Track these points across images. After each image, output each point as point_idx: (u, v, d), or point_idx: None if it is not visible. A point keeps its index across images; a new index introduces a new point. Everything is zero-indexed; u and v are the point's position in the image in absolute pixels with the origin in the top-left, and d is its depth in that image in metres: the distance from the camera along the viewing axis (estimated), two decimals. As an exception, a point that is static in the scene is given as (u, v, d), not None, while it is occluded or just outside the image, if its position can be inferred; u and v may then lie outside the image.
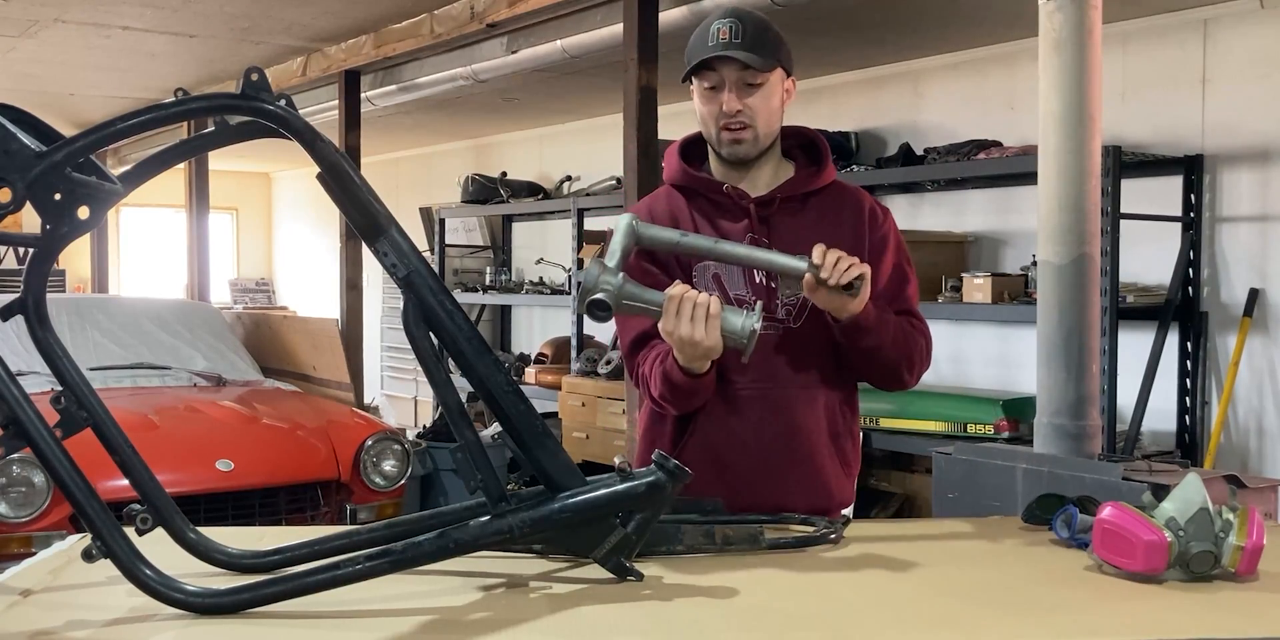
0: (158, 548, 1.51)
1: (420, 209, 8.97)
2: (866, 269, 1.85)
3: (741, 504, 1.90)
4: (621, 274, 1.80)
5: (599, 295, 1.77)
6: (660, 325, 1.82)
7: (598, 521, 1.54)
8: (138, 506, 1.53)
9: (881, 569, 1.66)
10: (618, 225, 1.87)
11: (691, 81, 2.04)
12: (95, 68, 6.98)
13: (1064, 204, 3.08)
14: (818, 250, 1.84)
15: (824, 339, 2.00)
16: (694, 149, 2.15)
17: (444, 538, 1.50)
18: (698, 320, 1.78)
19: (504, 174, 7.89)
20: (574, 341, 6.87)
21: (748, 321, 1.78)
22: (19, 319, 1.48)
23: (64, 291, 10.20)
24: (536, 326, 8.36)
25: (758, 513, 1.91)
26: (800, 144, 2.14)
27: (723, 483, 1.95)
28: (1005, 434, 4.52)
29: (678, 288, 1.80)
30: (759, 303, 1.91)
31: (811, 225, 2.04)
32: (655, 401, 2.02)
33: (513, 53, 5.50)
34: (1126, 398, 4.48)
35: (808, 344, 2.01)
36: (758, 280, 2.02)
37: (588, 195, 7.07)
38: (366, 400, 7.42)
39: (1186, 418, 4.63)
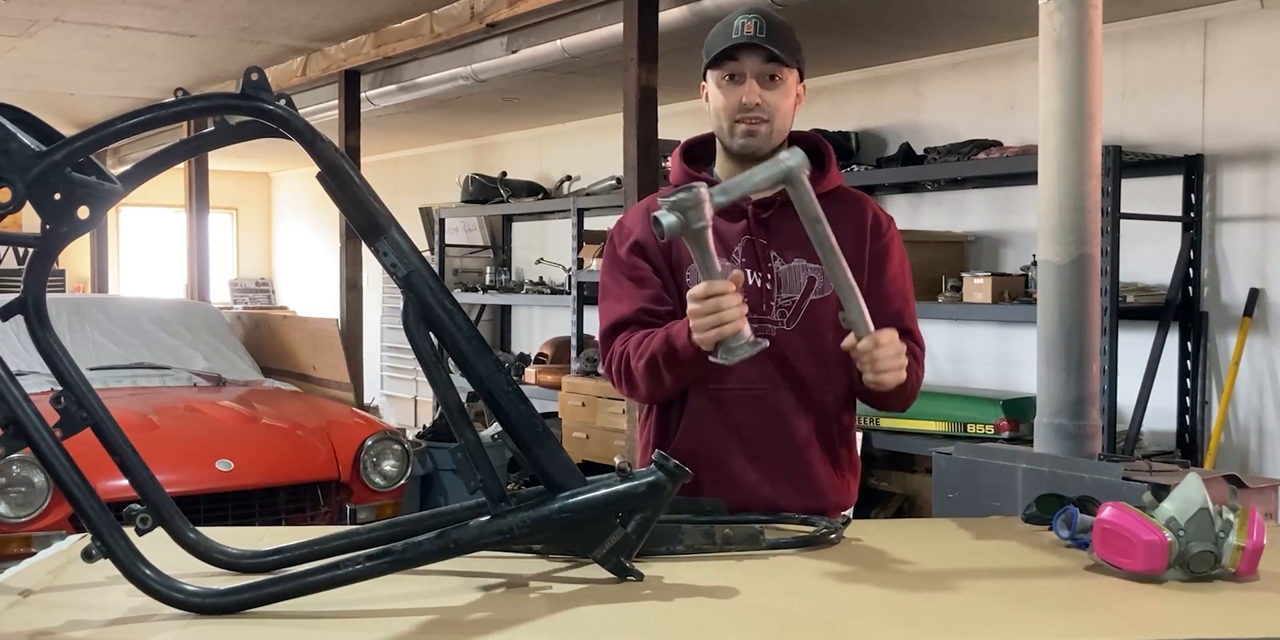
0: (158, 548, 1.51)
1: (420, 209, 8.97)
2: (901, 377, 1.84)
3: (734, 505, 1.90)
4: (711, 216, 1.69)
5: (673, 218, 1.64)
6: (691, 294, 1.77)
7: (598, 521, 1.54)
8: (138, 506, 1.53)
9: (881, 569, 1.66)
10: (778, 161, 1.75)
11: (706, 76, 2.03)
12: (95, 68, 6.98)
13: (1064, 204, 3.08)
14: (885, 335, 1.81)
15: (817, 342, 2.00)
16: (698, 151, 2.14)
17: (444, 538, 1.50)
18: (709, 329, 1.74)
19: (504, 174, 7.89)
20: (574, 341, 6.87)
21: (738, 350, 1.73)
22: (19, 319, 1.48)
23: (64, 291, 10.20)
24: (536, 326, 8.36)
25: (755, 513, 1.91)
26: (805, 150, 2.13)
27: (714, 483, 1.95)
28: (1005, 434, 4.52)
29: (720, 285, 1.73)
30: (764, 343, 1.78)
31: None
32: (628, 378, 1.98)
33: (513, 53, 5.50)
34: (1126, 398, 4.48)
35: (800, 346, 2.00)
36: (750, 282, 2.00)
37: (588, 195, 7.07)
38: (366, 400, 7.42)
39: (1186, 418, 4.63)
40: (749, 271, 2.01)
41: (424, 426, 6.80)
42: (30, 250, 1.44)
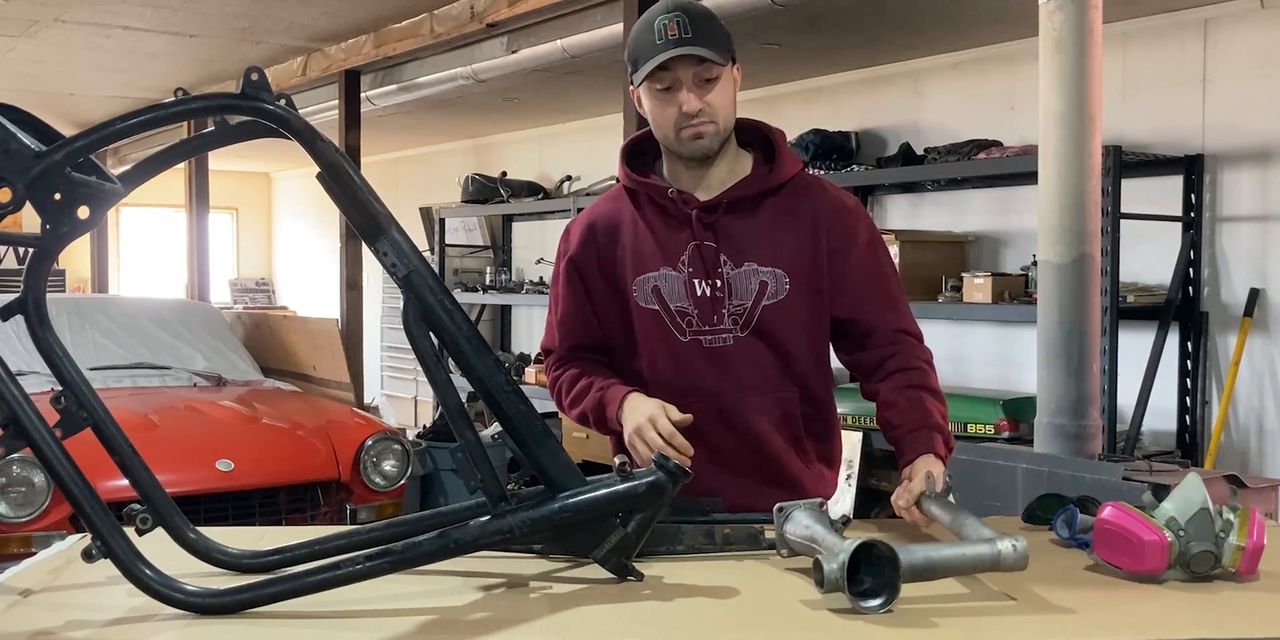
0: (158, 548, 1.51)
1: (420, 209, 8.97)
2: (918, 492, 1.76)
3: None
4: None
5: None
6: (654, 422, 1.83)
7: (598, 521, 1.54)
8: (138, 506, 1.53)
9: (882, 569, 1.66)
10: (995, 548, 1.49)
11: (632, 80, 1.94)
12: (95, 68, 6.98)
13: (1064, 204, 3.08)
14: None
15: (774, 345, 1.95)
16: (644, 147, 2.05)
17: (444, 538, 1.50)
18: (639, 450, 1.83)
19: (504, 174, 7.89)
20: (574, 341, 6.85)
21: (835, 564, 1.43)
22: (19, 319, 1.48)
23: (64, 291, 10.20)
24: (536, 326, 8.36)
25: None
26: (755, 140, 2.02)
27: (691, 492, 1.86)
28: (1005, 434, 4.52)
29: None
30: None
31: (764, 229, 1.94)
32: (563, 411, 2.09)
33: (513, 53, 5.50)
34: (1126, 398, 4.48)
35: (757, 352, 1.95)
36: (699, 292, 1.94)
37: (588, 195, 7.07)
38: (366, 400, 7.42)
39: (1187, 418, 4.63)
40: (698, 281, 1.94)
41: (424, 426, 6.80)
42: (30, 250, 1.44)
